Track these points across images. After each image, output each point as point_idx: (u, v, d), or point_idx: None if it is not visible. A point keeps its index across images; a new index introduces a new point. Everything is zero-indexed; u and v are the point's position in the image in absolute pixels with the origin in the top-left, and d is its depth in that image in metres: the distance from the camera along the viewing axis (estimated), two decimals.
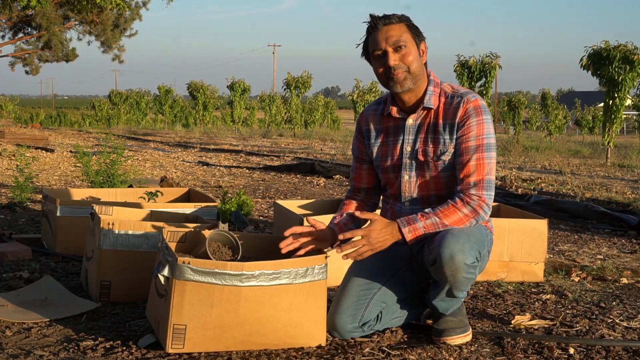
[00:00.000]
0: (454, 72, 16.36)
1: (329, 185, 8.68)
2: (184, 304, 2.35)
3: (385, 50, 2.49)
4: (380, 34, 2.50)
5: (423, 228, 2.44)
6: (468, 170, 2.49)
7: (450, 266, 2.40)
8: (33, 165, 9.00)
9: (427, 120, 2.59)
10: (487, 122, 2.52)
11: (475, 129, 2.50)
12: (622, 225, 5.51)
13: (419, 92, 2.58)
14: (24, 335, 2.63)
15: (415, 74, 2.52)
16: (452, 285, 2.46)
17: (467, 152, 2.50)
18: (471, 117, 2.50)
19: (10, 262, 3.85)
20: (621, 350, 2.54)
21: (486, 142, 2.50)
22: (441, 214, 2.46)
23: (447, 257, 2.39)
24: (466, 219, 2.48)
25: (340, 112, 45.32)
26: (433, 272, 2.50)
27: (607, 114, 13.64)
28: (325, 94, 75.72)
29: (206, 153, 14.92)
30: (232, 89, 29.13)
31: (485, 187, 2.49)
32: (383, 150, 2.68)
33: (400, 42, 2.48)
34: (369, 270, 2.69)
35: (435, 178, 2.58)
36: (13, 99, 49.76)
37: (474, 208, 2.48)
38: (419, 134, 2.60)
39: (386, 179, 2.71)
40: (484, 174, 2.49)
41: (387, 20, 2.50)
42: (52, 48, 23.06)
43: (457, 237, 2.40)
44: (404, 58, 2.49)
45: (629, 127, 37.85)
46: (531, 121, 30.25)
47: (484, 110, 2.52)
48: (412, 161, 2.61)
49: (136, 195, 4.56)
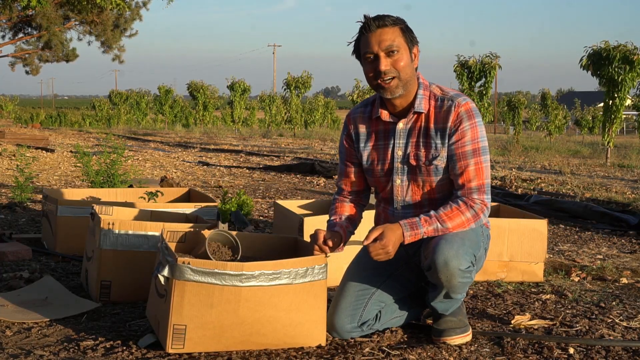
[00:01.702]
0: (454, 72, 16.35)
1: (329, 185, 8.67)
2: (184, 304, 2.35)
3: (377, 54, 2.45)
4: (373, 36, 2.45)
5: (424, 234, 2.46)
6: (468, 175, 2.49)
7: (444, 272, 2.41)
8: (33, 165, 9.00)
9: (417, 124, 2.56)
10: (480, 124, 2.52)
11: (470, 133, 2.49)
12: (622, 225, 5.52)
13: (409, 96, 2.55)
14: (24, 335, 2.63)
15: (405, 80, 2.48)
16: (448, 289, 2.48)
17: (465, 157, 2.49)
18: (464, 122, 2.49)
19: (10, 262, 3.85)
20: (621, 350, 2.54)
21: (481, 145, 2.51)
22: (445, 216, 2.46)
23: (441, 264, 2.40)
24: (468, 223, 2.48)
25: (340, 112, 45.29)
26: (429, 277, 2.51)
27: (607, 114, 13.64)
28: (325, 94, 75.66)
29: (206, 153, 14.92)
30: (232, 89, 29.13)
31: (485, 191, 2.51)
32: (373, 154, 2.65)
33: (393, 47, 2.44)
34: (366, 271, 2.69)
35: (428, 182, 2.57)
36: (13, 99, 49.74)
37: (477, 212, 2.49)
38: (410, 138, 2.57)
39: (376, 182, 2.68)
40: (484, 178, 2.51)
41: (380, 23, 2.45)
42: (53, 48, 23.06)
43: (450, 243, 2.41)
44: (396, 63, 2.45)
45: (628, 127, 37.85)
46: (531, 121, 30.26)
47: (475, 114, 2.51)
48: (404, 166, 2.59)
49: (136, 195, 4.56)
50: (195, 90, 32.19)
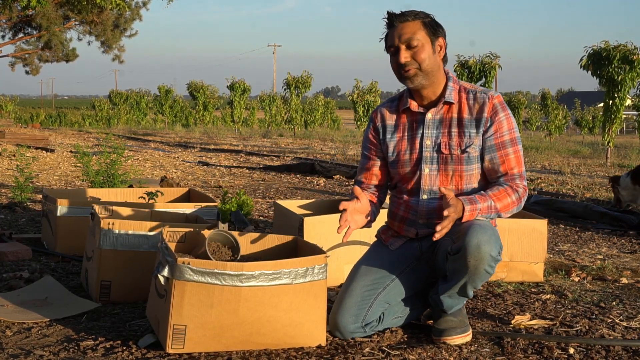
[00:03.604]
0: (454, 72, 16.35)
1: (329, 185, 8.68)
2: (184, 304, 2.35)
3: (397, 47, 2.55)
4: (395, 31, 2.56)
5: (480, 210, 2.47)
6: (510, 163, 2.59)
7: (475, 255, 2.39)
8: (33, 165, 9.00)
9: (448, 115, 2.63)
10: (512, 116, 2.64)
11: (506, 123, 2.59)
12: (622, 225, 5.52)
13: (437, 88, 2.62)
14: (24, 335, 2.63)
15: (426, 71, 2.55)
16: (470, 277, 2.44)
17: (504, 147, 2.59)
18: (499, 113, 2.59)
19: (10, 262, 3.85)
20: (621, 350, 2.54)
21: (517, 135, 2.62)
22: (494, 197, 2.52)
23: (474, 246, 2.39)
24: (512, 205, 2.56)
25: (340, 112, 45.34)
26: (453, 262, 2.47)
27: (607, 114, 13.63)
28: (325, 94, 75.70)
29: (206, 153, 14.92)
30: (232, 89, 29.13)
31: (525, 177, 2.62)
32: (400, 145, 2.69)
33: (414, 39, 2.53)
34: (374, 271, 2.69)
35: (457, 172, 2.61)
36: (13, 99, 49.72)
37: (520, 196, 2.58)
38: (441, 128, 2.63)
39: (402, 173, 2.70)
40: (523, 166, 2.63)
41: (402, 18, 2.56)
42: (52, 48, 23.05)
43: (484, 228, 2.42)
44: (416, 55, 2.54)
45: (628, 127, 37.84)
46: (531, 121, 30.27)
47: (506, 106, 2.64)
48: (434, 154, 2.63)
49: (136, 195, 4.56)
50: (195, 90, 32.18)
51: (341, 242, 3.27)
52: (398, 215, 2.74)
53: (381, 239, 2.82)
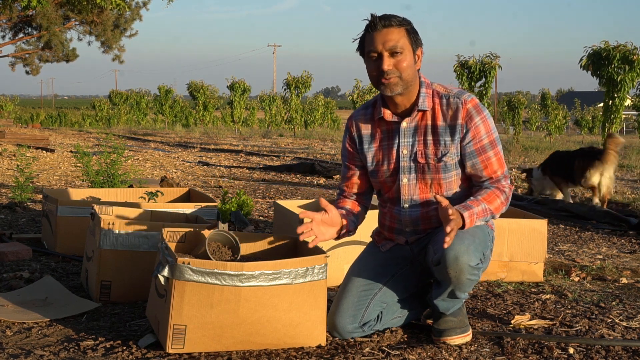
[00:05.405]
0: (454, 72, 16.34)
1: (329, 185, 8.68)
2: (184, 304, 2.35)
3: (380, 53, 2.47)
4: (378, 35, 2.47)
5: (477, 215, 2.45)
6: (492, 166, 2.57)
7: (454, 267, 2.41)
8: (33, 165, 9.00)
9: (422, 122, 2.58)
10: (489, 117, 2.59)
11: (483, 127, 2.55)
12: (622, 225, 5.52)
13: (411, 96, 2.57)
14: (24, 335, 2.63)
15: (406, 81, 2.50)
16: (455, 286, 2.47)
17: (485, 151, 2.56)
18: (474, 117, 2.54)
19: (10, 262, 3.85)
20: (621, 350, 2.54)
21: (495, 136, 2.58)
22: (485, 200, 2.50)
23: (451, 258, 2.40)
24: (502, 206, 2.55)
25: (340, 112, 45.29)
26: (436, 272, 2.50)
27: (606, 114, 13.61)
28: (325, 94, 75.70)
29: (206, 153, 14.92)
30: (232, 89, 29.13)
31: (508, 177, 2.61)
32: (378, 155, 2.66)
33: (397, 47, 2.46)
34: (369, 271, 2.69)
35: (436, 180, 2.59)
36: (13, 99, 49.63)
37: (507, 196, 2.57)
38: (416, 137, 2.59)
39: (382, 183, 2.69)
40: (505, 166, 2.62)
41: (387, 22, 2.47)
42: (53, 48, 23.04)
43: (461, 239, 2.41)
44: (399, 64, 2.47)
45: (628, 127, 37.83)
46: (531, 121, 30.25)
47: (482, 108, 2.57)
48: (411, 163, 2.60)
49: (136, 195, 4.56)
50: (195, 90, 32.17)
51: (341, 242, 3.27)
52: (386, 225, 2.75)
53: (375, 241, 2.83)
